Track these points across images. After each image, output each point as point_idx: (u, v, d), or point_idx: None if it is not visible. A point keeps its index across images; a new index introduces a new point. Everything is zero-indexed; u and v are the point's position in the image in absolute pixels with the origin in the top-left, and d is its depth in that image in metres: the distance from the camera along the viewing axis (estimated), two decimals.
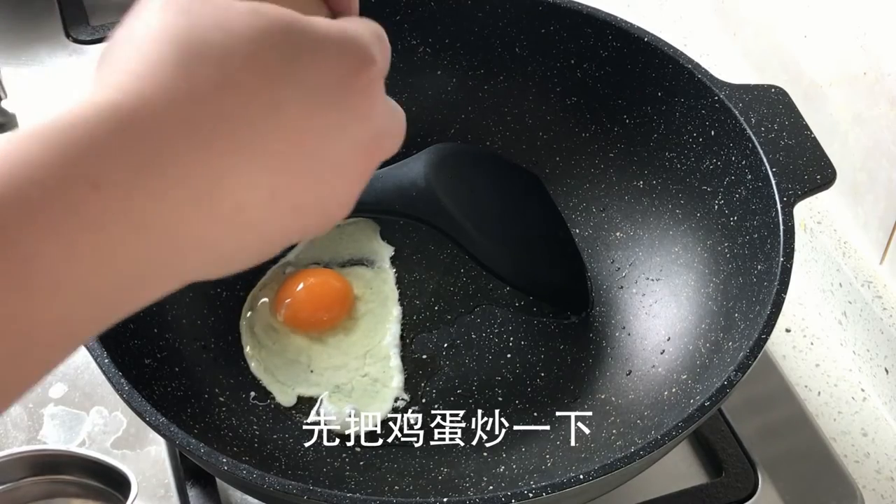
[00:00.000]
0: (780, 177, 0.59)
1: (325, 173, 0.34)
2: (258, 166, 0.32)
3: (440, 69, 0.72)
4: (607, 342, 0.65)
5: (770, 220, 0.58)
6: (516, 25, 0.70)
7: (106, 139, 0.29)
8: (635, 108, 0.68)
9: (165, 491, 0.62)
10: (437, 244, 0.70)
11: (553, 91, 0.71)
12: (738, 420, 0.66)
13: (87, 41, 0.89)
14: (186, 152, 0.30)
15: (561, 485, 0.49)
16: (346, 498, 0.48)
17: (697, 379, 0.58)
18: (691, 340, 0.61)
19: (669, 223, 0.67)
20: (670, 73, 0.65)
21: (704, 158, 0.65)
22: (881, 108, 0.68)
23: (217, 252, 0.32)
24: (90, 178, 0.29)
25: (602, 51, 0.68)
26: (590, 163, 0.71)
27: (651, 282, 0.66)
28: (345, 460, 0.60)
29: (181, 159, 0.30)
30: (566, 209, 0.70)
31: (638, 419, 0.59)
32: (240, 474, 0.50)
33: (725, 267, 0.62)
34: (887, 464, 0.68)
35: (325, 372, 0.64)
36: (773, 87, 0.63)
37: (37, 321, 0.28)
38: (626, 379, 0.63)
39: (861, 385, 0.72)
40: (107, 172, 0.29)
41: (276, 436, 0.61)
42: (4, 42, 0.90)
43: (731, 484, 0.64)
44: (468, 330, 0.67)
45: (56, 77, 0.87)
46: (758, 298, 0.57)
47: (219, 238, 0.32)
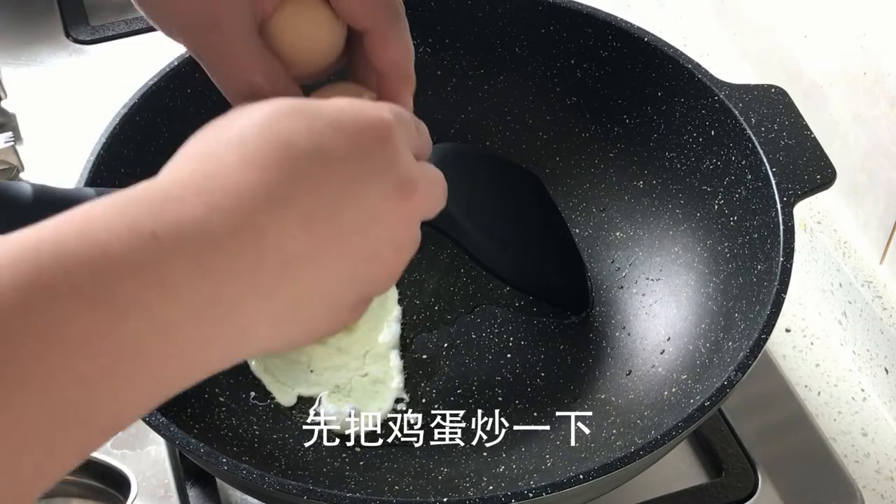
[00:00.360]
0: (780, 177, 0.59)
1: (369, 233, 0.38)
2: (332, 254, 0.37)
3: (440, 69, 0.71)
4: (607, 342, 0.65)
5: (770, 220, 0.58)
6: (516, 25, 0.70)
7: (199, 255, 0.32)
8: (635, 108, 0.68)
9: (165, 491, 0.62)
10: (437, 244, 0.70)
11: (553, 91, 0.71)
12: (738, 420, 0.66)
13: (87, 41, 0.89)
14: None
15: (561, 485, 0.49)
16: (346, 498, 0.48)
17: (697, 379, 0.58)
18: (691, 340, 0.61)
19: (669, 223, 0.67)
20: (670, 73, 0.65)
21: (704, 158, 0.65)
22: (881, 108, 0.68)
23: (286, 337, 0.37)
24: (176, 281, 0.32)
25: (602, 51, 0.68)
26: (590, 163, 0.71)
27: (651, 282, 0.66)
28: (345, 460, 0.60)
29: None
30: (566, 209, 0.70)
31: (638, 419, 0.59)
32: (240, 474, 0.50)
33: (725, 267, 0.62)
34: (887, 464, 0.68)
35: (325, 372, 0.64)
36: (773, 87, 0.63)
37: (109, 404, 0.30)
38: (626, 379, 0.63)
39: (861, 385, 0.72)
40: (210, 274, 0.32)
41: (276, 436, 0.61)
42: (4, 42, 0.90)
43: (731, 484, 0.64)
44: (468, 330, 0.67)
45: (56, 77, 0.87)
46: (758, 298, 0.57)
47: (286, 323, 0.36)
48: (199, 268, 0.32)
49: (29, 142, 0.78)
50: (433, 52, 0.71)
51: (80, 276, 0.29)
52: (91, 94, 0.84)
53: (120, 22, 0.90)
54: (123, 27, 0.89)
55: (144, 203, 0.33)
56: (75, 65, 0.88)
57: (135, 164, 0.61)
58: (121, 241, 0.31)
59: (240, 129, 0.36)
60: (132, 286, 0.30)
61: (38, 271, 0.29)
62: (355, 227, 0.37)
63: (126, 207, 0.32)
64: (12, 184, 0.49)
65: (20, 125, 0.78)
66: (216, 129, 0.37)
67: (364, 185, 0.37)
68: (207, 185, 0.34)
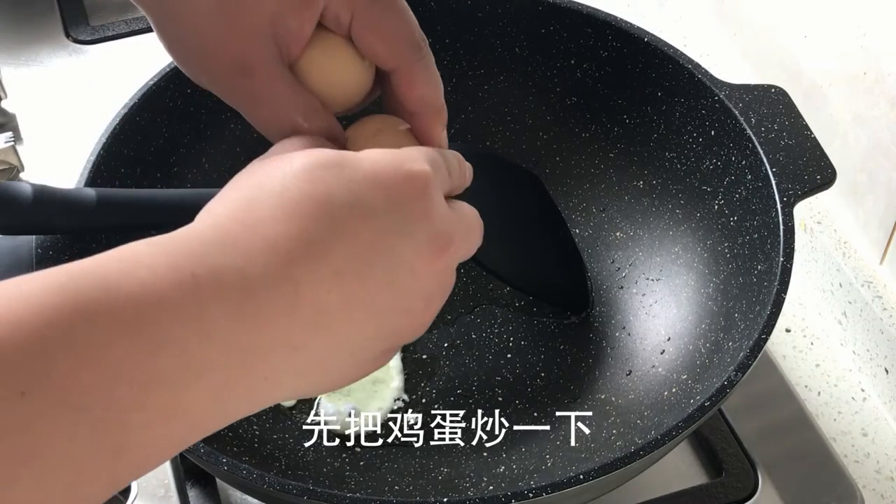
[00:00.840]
0: (780, 177, 0.59)
1: (400, 281, 0.38)
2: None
3: (440, 69, 0.71)
4: (607, 342, 0.65)
5: (770, 220, 0.58)
6: (516, 25, 0.70)
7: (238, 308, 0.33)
8: (635, 108, 0.68)
9: (165, 491, 0.62)
10: None
11: (553, 91, 0.71)
12: (738, 420, 0.66)
13: (87, 41, 0.89)
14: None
15: (561, 485, 0.49)
16: (346, 498, 0.48)
17: (697, 379, 0.58)
18: (691, 340, 0.61)
19: (669, 223, 0.67)
20: (670, 73, 0.65)
21: (704, 158, 0.65)
22: (881, 108, 0.68)
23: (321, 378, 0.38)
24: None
25: (602, 51, 0.68)
26: (590, 163, 0.71)
27: (651, 282, 0.66)
28: (345, 460, 0.60)
29: None
30: (566, 209, 0.70)
31: (638, 419, 0.59)
32: (240, 474, 0.50)
33: (725, 267, 0.62)
34: (887, 464, 0.68)
35: None
36: (773, 87, 0.63)
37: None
38: (626, 379, 0.63)
39: (861, 385, 0.72)
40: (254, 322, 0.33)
41: (276, 436, 0.61)
42: (4, 42, 0.90)
43: (731, 484, 0.64)
44: (468, 330, 0.67)
45: (56, 77, 0.87)
46: (758, 298, 0.57)
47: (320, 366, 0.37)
48: (236, 313, 0.33)
49: (29, 142, 0.78)
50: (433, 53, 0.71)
51: (120, 305, 0.30)
52: (91, 94, 0.84)
53: (120, 22, 0.90)
54: (123, 27, 0.89)
55: (185, 246, 0.33)
56: (75, 65, 0.88)
57: (135, 164, 0.61)
58: (161, 278, 0.31)
59: (281, 179, 0.37)
60: (170, 321, 0.31)
61: (81, 296, 0.30)
62: (387, 281, 0.37)
63: (167, 248, 0.33)
64: (12, 184, 0.49)
65: (20, 125, 0.78)
66: (258, 174, 0.38)
67: (399, 238, 0.38)
68: (246, 236, 0.34)
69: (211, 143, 0.66)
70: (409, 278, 0.38)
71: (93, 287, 0.30)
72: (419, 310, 0.40)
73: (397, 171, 0.38)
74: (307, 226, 0.35)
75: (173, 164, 0.64)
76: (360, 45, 0.46)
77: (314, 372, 0.37)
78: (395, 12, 0.46)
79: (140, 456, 0.31)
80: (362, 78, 0.47)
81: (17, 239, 0.54)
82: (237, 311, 0.33)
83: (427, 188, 0.39)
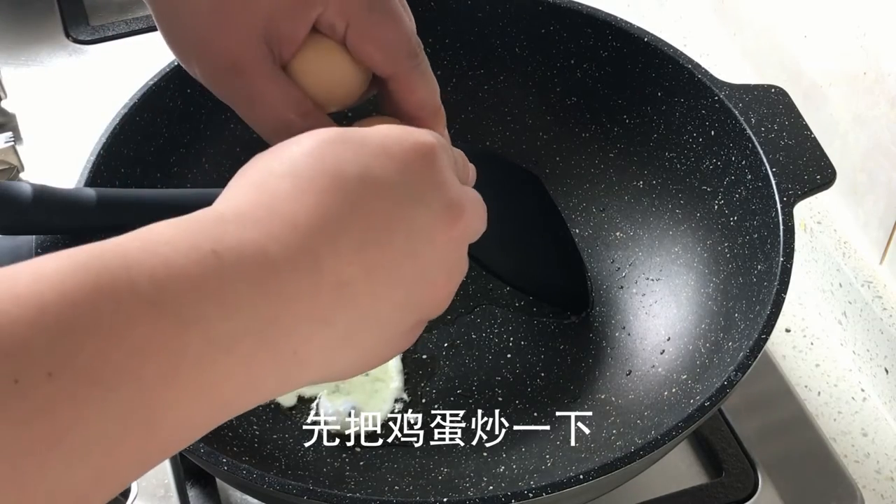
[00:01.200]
0: (780, 177, 0.59)
1: (420, 255, 0.38)
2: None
3: (440, 69, 0.71)
4: (607, 342, 0.65)
5: (770, 220, 0.58)
6: (516, 25, 0.70)
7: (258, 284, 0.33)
8: (635, 108, 0.68)
9: (165, 491, 0.62)
10: None
11: (553, 91, 0.71)
12: (738, 420, 0.66)
13: (87, 41, 0.89)
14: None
15: (561, 485, 0.49)
16: (346, 498, 0.48)
17: (697, 379, 0.58)
18: (691, 340, 0.61)
19: (669, 223, 0.67)
20: (670, 73, 0.65)
21: (704, 158, 0.65)
22: (881, 108, 0.68)
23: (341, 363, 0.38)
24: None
25: (602, 51, 0.68)
26: (590, 163, 0.71)
27: (651, 282, 0.66)
28: (345, 460, 0.60)
29: None
30: (566, 209, 0.70)
31: (638, 419, 0.59)
32: (240, 474, 0.50)
33: (725, 267, 0.62)
34: (887, 464, 0.68)
35: None
36: (773, 87, 0.63)
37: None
38: (626, 379, 0.63)
39: (861, 385, 0.72)
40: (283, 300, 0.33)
41: (276, 436, 0.61)
42: (4, 42, 0.90)
43: (731, 484, 0.64)
44: (468, 330, 0.67)
45: (56, 77, 0.87)
46: (758, 298, 0.56)
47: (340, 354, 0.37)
48: (258, 289, 0.33)
49: (29, 142, 0.78)
50: (433, 52, 0.70)
51: (144, 283, 0.30)
52: (91, 94, 0.84)
53: (120, 22, 0.90)
54: (123, 27, 0.89)
55: (204, 226, 0.33)
56: (75, 65, 0.88)
57: (135, 164, 0.61)
58: (183, 255, 0.31)
59: (290, 159, 0.37)
60: (194, 298, 0.31)
61: (105, 275, 0.30)
62: (407, 251, 0.37)
63: (187, 228, 0.33)
64: (12, 184, 0.49)
65: (20, 125, 0.78)
66: (264, 160, 0.38)
67: (414, 207, 0.38)
68: (263, 214, 0.35)
69: (211, 143, 0.66)
70: (428, 248, 0.38)
71: (115, 265, 0.30)
72: (441, 282, 0.40)
73: (405, 141, 0.39)
74: (323, 199, 0.35)
75: (173, 164, 0.64)
76: (356, 53, 0.46)
77: (344, 347, 0.36)
78: (391, 21, 0.46)
79: (170, 435, 0.31)
80: (355, 81, 0.48)
81: (17, 239, 0.54)
82: (260, 287, 0.33)
83: (435, 157, 0.39)
